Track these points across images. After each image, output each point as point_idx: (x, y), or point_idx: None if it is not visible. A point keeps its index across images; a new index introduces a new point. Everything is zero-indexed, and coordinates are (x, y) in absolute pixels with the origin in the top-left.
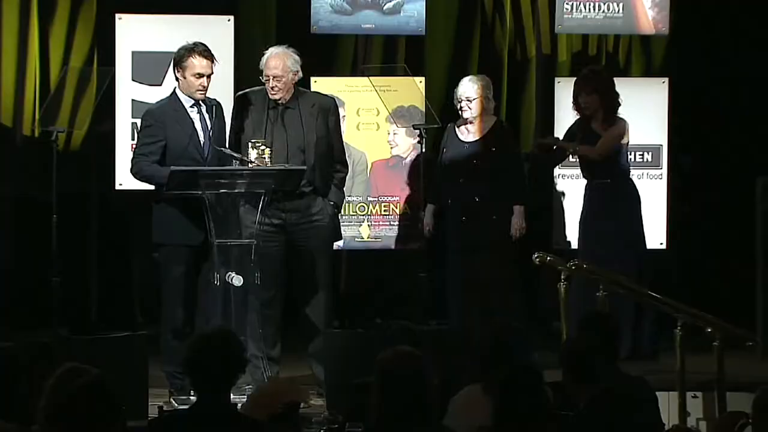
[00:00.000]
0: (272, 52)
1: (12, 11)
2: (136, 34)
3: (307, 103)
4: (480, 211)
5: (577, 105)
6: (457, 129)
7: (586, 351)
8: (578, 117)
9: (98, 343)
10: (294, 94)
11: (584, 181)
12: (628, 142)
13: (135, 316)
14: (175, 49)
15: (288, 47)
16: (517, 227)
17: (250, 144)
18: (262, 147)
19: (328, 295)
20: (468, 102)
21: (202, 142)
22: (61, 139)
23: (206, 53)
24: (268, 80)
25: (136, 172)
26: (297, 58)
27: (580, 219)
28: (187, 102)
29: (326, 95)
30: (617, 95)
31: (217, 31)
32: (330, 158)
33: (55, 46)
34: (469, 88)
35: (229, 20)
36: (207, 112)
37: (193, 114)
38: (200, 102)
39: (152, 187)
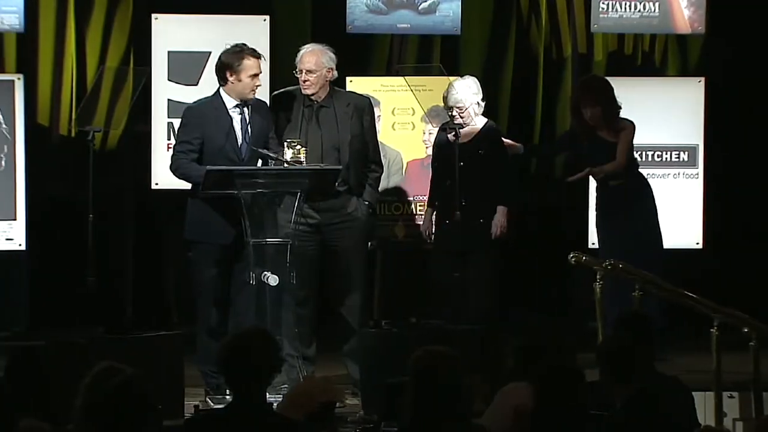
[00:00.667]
0: (307, 48)
1: (49, 11)
2: (172, 34)
3: (342, 102)
4: (467, 213)
5: (579, 118)
6: (448, 132)
7: (623, 350)
8: (580, 124)
9: (134, 343)
10: (329, 93)
11: None
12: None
13: (170, 316)
14: (211, 49)
15: (324, 45)
16: (498, 225)
17: (285, 143)
18: (298, 146)
19: (363, 294)
20: (459, 110)
21: (239, 143)
22: (98, 139)
23: (256, 53)
24: (301, 74)
25: (175, 169)
26: (332, 56)
27: (596, 221)
28: (230, 102)
29: (362, 95)
30: (617, 100)
31: (253, 31)
32: (365, 157)
33: (91, 46)
34: (460, 97)
35: (264, 20)
36: (249, 113)
37: (234, 114)
38: (244, 102)
39: (188, 186)
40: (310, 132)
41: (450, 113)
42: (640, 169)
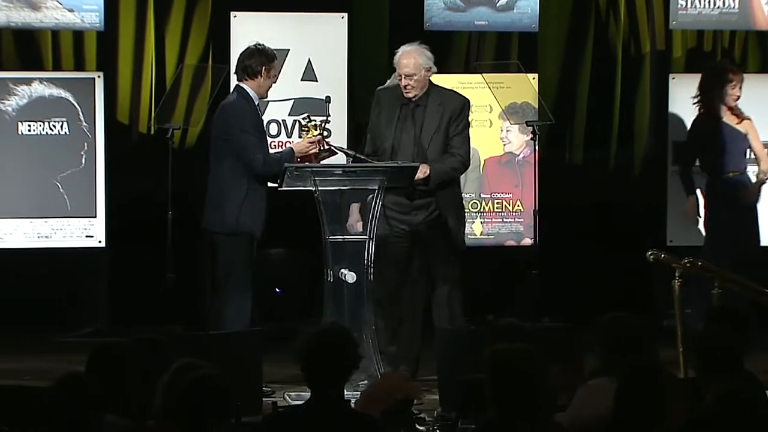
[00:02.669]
0: (404, 49)
1: (129, 9)
2: (250, 31)
3: (435, 101)
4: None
5: (710, 101)
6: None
7: (718, 346)
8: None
9: (213, 339)
10: (426, 92)
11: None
12: None
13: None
14: (289, 47)
15: (420, 44)
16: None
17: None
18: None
19: (454, 292)
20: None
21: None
22: (177, 137)
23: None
24: (401, 78)
25: (270, 164)
26: (429, 54)
27: (709, 215)
28: (255, 100)
29: (457, 94)
30: None
31: (331, 29)
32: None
33: (170, 44)
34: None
35: (342, 17)
36: None
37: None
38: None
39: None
40: (403, 131)
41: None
42: None
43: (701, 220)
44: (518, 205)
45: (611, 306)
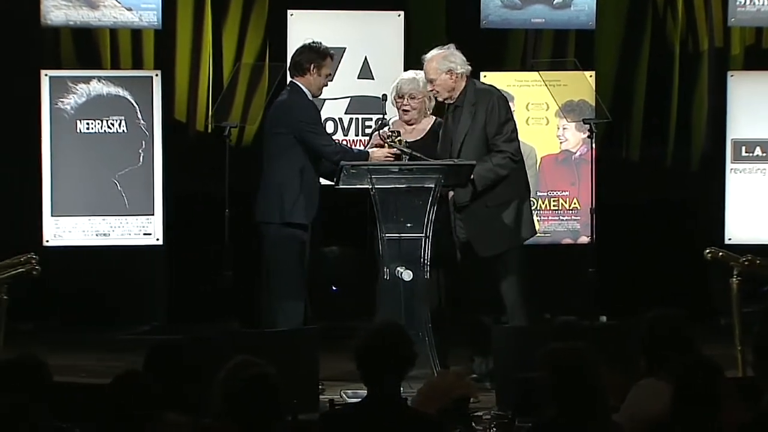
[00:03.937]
0: (426, 56)
1: (186, 8)
2: (307, 29)
3: (470, 101)
4: None
5: None
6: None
7: None
8: None
9: (269, 337)
10: (463, 91)
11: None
12: None
13: (306, 310)
14: (346, 45)
15: (446, 47)
16: None
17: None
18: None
19: (517, 292)
20: (411, 100)
21: None
22: (234, 135)
23: (332, 54)
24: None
25: (338, 152)
26: (453, 58)
27: None
28: (309, 96)
29: (487, 88)
30: None
31: (388, 27)
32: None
33: (228, 42)
34: (413, 85)
35: (399, 15)
36: None
37: None
38: None
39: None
40: (446, 133)
41: (398, 104)
42: None
43: None
44: (575, 203)
45: (668, 304)
